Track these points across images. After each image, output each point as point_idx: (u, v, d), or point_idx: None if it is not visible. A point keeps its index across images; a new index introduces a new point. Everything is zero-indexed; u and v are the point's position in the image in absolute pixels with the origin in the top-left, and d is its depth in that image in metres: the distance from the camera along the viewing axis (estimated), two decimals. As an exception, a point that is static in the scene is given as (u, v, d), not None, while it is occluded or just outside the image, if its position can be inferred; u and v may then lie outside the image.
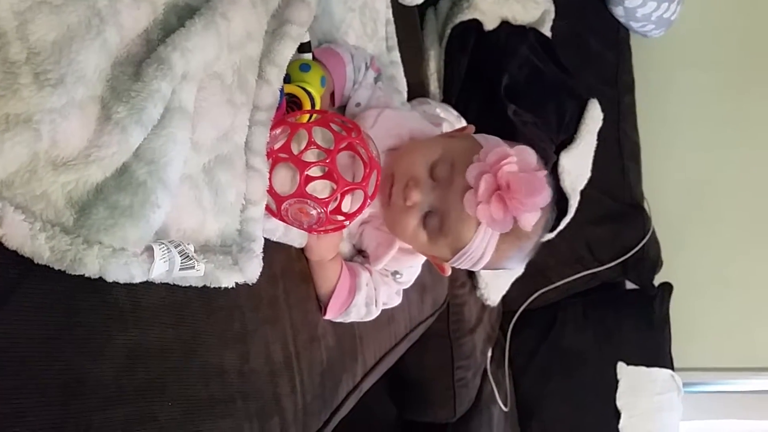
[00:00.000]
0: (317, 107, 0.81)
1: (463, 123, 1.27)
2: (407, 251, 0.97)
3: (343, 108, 0.96)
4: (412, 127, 0.94)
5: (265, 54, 0.71)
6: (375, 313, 0.98)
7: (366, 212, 0.84)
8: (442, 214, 0.84)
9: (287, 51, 0.73)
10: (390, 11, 1.17)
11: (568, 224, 1.69)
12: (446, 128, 1.04)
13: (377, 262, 0.95)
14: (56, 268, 0.48)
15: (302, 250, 0.86)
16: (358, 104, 0.95)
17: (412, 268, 1.02)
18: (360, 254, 1.00)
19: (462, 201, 0.80)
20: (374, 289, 0.96)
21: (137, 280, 0.53)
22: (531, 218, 0.80)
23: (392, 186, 0.86)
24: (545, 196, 0.79)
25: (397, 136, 0.91)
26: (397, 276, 1.00)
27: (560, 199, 1.61)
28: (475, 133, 0.93)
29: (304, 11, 0.75)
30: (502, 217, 0.78)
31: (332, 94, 0.92)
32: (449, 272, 0.95)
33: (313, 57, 0.87)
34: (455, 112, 1.26)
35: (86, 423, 0.51)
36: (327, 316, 0.91)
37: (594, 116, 1.65)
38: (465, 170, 0.81)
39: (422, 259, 1.01)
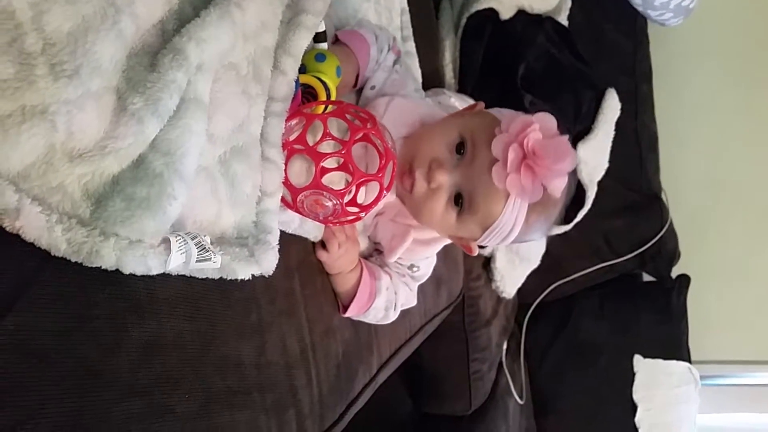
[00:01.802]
0: (333, 98, 0.80)
1: None
2: (422, 242, 0.96)
3: (359, 91, 0.96)
4: (423, 114, 0.93)
5: (280, 44, 0.71)
6: (392, 317, 0.98)
7: (380, 204, 0.84)
8: (469, 192, 0.83)
9: (302, 41, 0.72)
10: (405, 0, 1.16)
11: (585, 216, 1.67)
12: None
13: (392, 254, 0.94)
14: (73, 260, 0.48)
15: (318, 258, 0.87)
16: (373, 87, 0.94)
17: (427, 260, 1.01)
18: (376, 248, 0.99)
19: (489, 175, 0.79)
20: (394, 293, 0.96)
21: (154, 272, 0.53)
22: (560, 184, 0.79)
23: (413, 171, 0.85)
24: (572, 159, 0.79)
25: (408, 124, 0.91)
26: (414, 269, 0.99)
27: (577, 190, 1.60)
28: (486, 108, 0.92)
29: (319, 1, 0.74)
30: (531, 186, 0.78)
31: (357, 76, 0.92)
32: (477, 251, 0.94)
33: (336, 39, 0.86)
34: (471, 101, 1.25)
35: (104, 415, 0.51)
36: (346, 315, 0.91)
37: (612, 106, 1.63)
38: (487, 144, 0.80)
39: (437, 248, 1.00)
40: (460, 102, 1.18)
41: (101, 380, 0.51)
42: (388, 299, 0.95)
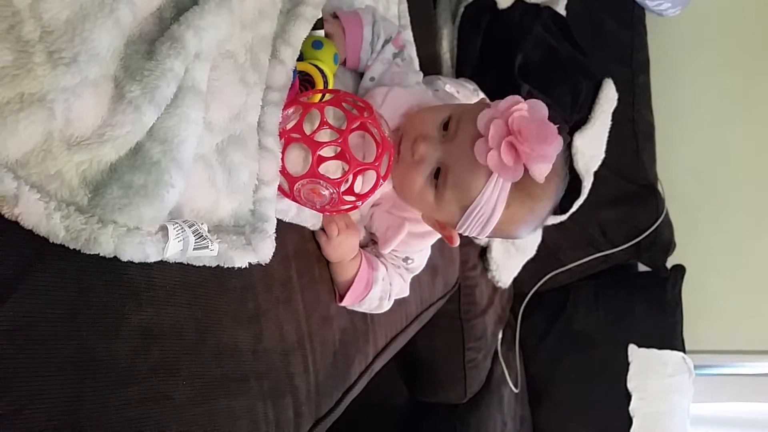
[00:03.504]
0: (330, 85, 0.80)
1: (481, 95, 1.26)
2: (417, 235, 0.96)
3: (357, 80, 0.96)
4: (421, 105, 0.94)
5: (279, 34, 0.71)
6: (386, 307, 0.99)
7: (377, 194, 0.84)
8: (450, 167, 0.82)
9: (301, 32, 0.73)
10: (403, -10, 1.15)
11: (581, 206, 1.68)
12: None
13: (386, 246, 0.95)
14: (71, 247, 0.48)
15: (318, 245, 0.87)
16: (372, 78, 0.94)
17: (422, 252, 1.02)
18: (371, 238, 0.99)
19: (471, 150, 0.78)
20: (389, 284, 0.97)
21: (152, 259, 0.53)
22: (542, 169, 0.77)
23: (401, 143, 0.85)
24: (556, 145, 0.77)
25: (406, 116, 0.91)
26: (408, 261, 1.00)
27: (573, 180, 1.60)
28: None
29: None
30: (512, 164, 0.76)
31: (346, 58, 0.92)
32: (458, 242, 0.92)
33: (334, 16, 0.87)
34: (471, 85, 1.24)
35: (101, 401, 0.51)
36: (342, 304, 0.92)
37: (609, 96, 1.63)
38: (473, 121, 0.79)
39: (431, 241, 1.00)
40: (456, 87, 1.18)
41: (100, 367, 0.51)
42: (383, 289, 0.95)
